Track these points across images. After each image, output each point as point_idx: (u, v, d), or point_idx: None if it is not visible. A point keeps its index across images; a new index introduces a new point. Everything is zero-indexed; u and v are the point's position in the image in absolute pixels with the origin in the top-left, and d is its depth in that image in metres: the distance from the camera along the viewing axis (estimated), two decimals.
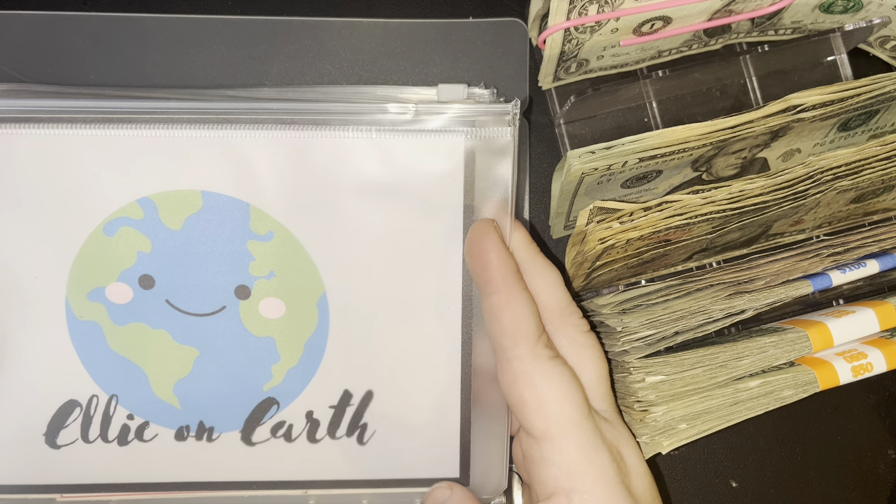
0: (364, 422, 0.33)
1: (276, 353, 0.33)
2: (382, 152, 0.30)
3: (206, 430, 0.33)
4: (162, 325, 0.32)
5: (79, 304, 0.31)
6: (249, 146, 0.30)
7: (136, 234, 0.31)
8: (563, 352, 0.30)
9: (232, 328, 0.32)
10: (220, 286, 0.32)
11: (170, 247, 0.31)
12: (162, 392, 0.33)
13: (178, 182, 0.30)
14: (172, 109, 0.30)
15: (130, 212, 0.31)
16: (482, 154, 0.31)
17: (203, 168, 0.30)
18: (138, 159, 0.30)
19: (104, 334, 0.32)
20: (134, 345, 0.32)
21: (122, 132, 0.30)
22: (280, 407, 0.33)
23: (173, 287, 0.31)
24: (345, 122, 0.30)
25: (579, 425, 0.28)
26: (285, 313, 0.32)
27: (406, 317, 0.32)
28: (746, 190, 0.30)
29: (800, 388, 0.33)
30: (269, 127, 0.30)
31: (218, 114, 0.30)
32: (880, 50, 0.38)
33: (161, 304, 0.32)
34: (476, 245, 0.30)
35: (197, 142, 0.30)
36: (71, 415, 0.33)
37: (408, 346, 0.33)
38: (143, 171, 0.30)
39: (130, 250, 0.31)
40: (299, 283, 0.32)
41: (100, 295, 0.31)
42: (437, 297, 0.32)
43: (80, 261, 0.31)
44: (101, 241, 0.31)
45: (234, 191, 0.31)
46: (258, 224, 0.31)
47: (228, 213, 0.31)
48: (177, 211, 0.31)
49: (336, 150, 0.30)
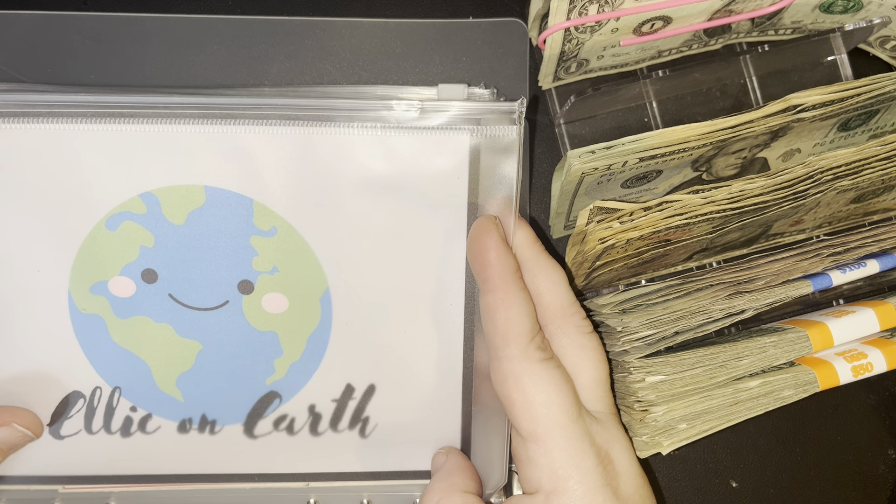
0: (366, 415, 0.34)
1: (279, 348, 0.33)
2: (387, 149, 0.30)
3: (208, 422, 0.33)
4: (165, 318, 0.32)
5: (82, 297, 0.31)
6: (253, 141, 0.30)
7: (139, 229, 0.31)
8: (562, 352, 0.30)
9: (235, 322, 0.32)
10: (223, 281, 0.32)
11: (173, 241, 0.31)
12: (165, 385, 0.33)
13: (182, 177, 0.30)
14: (175, 104, 0.30)
15: (133, 206, 0.31)
16: (487, 152, 0.30)
17: (206, 163, 0.30)
18: (140, 154, 0.30)
19: (107, 327, 0.32)
20: (137, 338, 0.32)
21: (123, 127, 0.30)
22: (282, 400, 0.33)
23: (176, 281, 0.31)
24: (349, 118, 0.30)
25: (565, 428, 0.28)
26: (288, 308, 0.32)
27: (409, 312, 0.33)
28: (746, 190, 0.30)
29: (800, 388, 0.33)
30: (274, 123, 0.30)
31: (221, 109, 0.30)
32: (880, 50, 0.38)
33: (164, 298, 0.32)
34: (476, 242, 0.30)
35: (200, 137, 0.30)
36: (74, 406, 0.33)
37: (411, 342, 0.33)
38: (146, 165, 0.30)
39: (133, 245, 0.31)
40: (303, 279, 0.32)
41: (102, 289, 0.31)
42: (441, 294, 0.32)
43: (83, 255, 0.31)
44: (103, 235, 0.31)
45: (237, 186, 0.31)
46: (262, 219, 0.31)
47: (232, 209, 0.31)
48: (180, 206, 0.31)
49: (341, 147, 0.30)
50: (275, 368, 0.33)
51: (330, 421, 0.34)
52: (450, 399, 0.33)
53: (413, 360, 0.33)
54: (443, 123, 0.30)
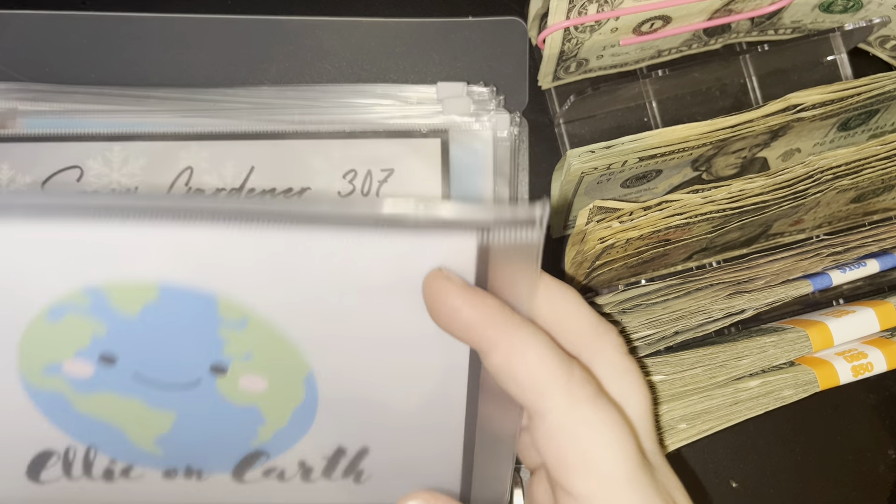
0: (360, 468, 0.32)
1: (262, 418, 0.30)
2: (381, 252, 0.25)
3: (194, 471, 0.32)
4: (132, 394, 0.29)
5: (35, 377, 0.29)
6: (216, 242, 0.25)
7: (87, 320, 0.27)
8: (603, 382, 0.25)
9: (210, 398, 0.29)
10: (192, 364, 0.28)
11: (128, 331, 0.27)
12: (143, 444, 0.31)
13: (130, 273, 0.26)
14: (117, 205, 0.25)
15: (76, 299, 0.27)
16: (500, 256, 0.25)
17: (159, 261, 0.26)
18: (80, 250, 0.26)
19: (70, 402, 0.29)
20: (104, 410, 0.30)
21: (61, 228, 0.25)
22: (270, 457, 0.31)
23: (139, 363, 0.28)
24: (335, 221, 0.25)
25: (633, 481, 0.23)
26: (268, 388, 0.29)
27: (405, 387, 0.29)
28: (746, 189, 0.30)
29: (800, 388, 0.33)
30: (240, 224, 0.25)
31: (176, 208, 0.25)
32: (880, 49, 0.38)
33: (128, 377, 0.29)
34: (437, 308, 0.24)
35: (149, 235, 0.26)
36: (49, 460, 0.31)
37: (407, 409, 0.30)
38: (87, 261, 0.26)
39: (82, 334, 0.28)
40: (282, 364, 0.28)
41: (56, 370, 0.29)
42: (440, 368, 0.29)
43: (26, 344, 0.28)
44: (45, 327, 0.28)
45: (198, 283, 0.27)
46: (229, 312, 0.27)
47: (192, 304, 0.27)
48: (130, 301, 0.27)
49: (321, 250, 0.25)
50: (258, 434, 0.30)
51: (322, 472, 0.31)
52: (450, 447, 0.31)
53: (410, 423, 0.30)
54: (446, 222, 0.24)
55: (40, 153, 0.35)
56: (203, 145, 0.36)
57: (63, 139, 0.35)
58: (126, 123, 0.36)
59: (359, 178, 0.36)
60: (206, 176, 0.36)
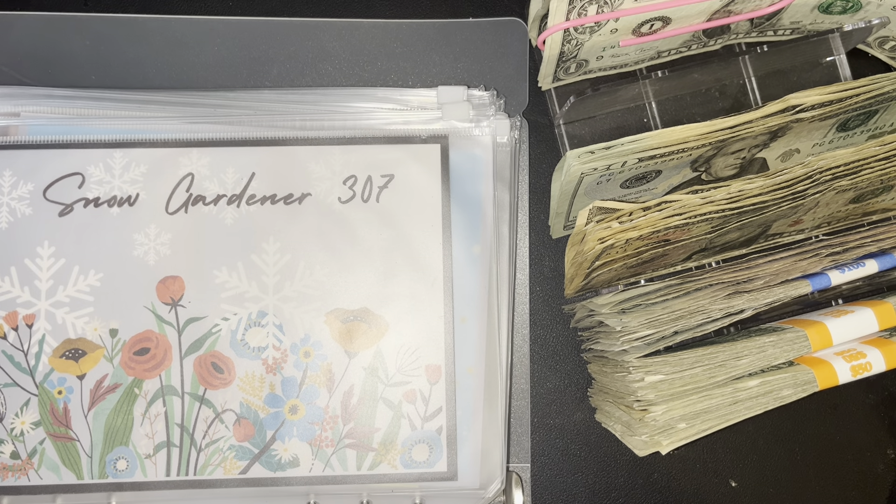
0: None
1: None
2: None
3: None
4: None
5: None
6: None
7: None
8: None
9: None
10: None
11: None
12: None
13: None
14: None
15: None
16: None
17: None
18: None
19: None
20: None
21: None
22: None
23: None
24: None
25: None
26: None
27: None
28: (745, 190, 0.30)
29: (799, 388, 0.33)
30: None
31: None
32: (879, 50, 0.38)
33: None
34: None
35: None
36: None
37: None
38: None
39: None
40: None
41: None
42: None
43: None
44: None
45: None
46: None
47: None
48: None
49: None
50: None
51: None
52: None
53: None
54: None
55: (42, 160, 0.36)
56: (204, 152, 0.36)
57: (65, 146, 0.36)
58: (127, 130, 0.36)
59: (359, 184, 0.36)
60: (206, 182, 0.36)
